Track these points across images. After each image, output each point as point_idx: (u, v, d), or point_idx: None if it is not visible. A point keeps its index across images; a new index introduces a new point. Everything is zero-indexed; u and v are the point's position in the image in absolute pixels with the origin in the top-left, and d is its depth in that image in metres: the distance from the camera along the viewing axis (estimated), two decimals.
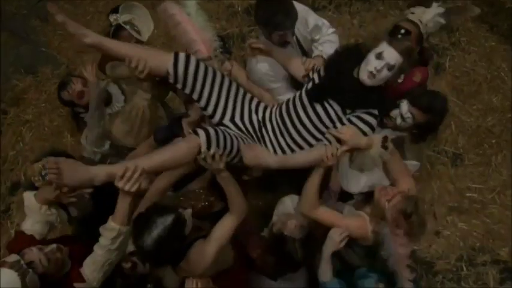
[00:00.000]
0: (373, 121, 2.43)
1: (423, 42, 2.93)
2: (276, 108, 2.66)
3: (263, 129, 2.65)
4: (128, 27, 3.14)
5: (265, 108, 2.70)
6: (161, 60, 2.44)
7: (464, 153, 4.12)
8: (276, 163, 2.47)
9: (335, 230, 2.52)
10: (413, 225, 2.37)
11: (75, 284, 2.37)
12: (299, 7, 2.99)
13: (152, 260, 2.44)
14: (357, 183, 2.78)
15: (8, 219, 3.84)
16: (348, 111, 2.44)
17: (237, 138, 2.45)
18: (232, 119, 2.60)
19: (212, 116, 2.58)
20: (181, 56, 2.43)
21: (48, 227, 2.56)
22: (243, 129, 2.60)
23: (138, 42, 3.18)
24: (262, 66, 3.03)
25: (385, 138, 2.41)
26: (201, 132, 2.27)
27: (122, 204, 2.20)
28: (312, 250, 2.63)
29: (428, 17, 2.80)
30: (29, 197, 2.52)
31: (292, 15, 2.84)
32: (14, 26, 4.68)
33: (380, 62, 2.21)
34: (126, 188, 2.09)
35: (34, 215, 2.52)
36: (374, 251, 2.61)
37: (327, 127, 2.49)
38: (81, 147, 3.22)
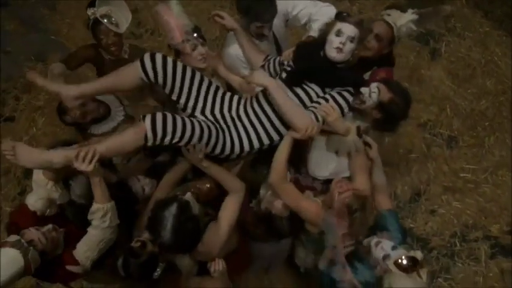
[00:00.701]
0: (350, 98, 2.54)
1: (393, 44, 2.98)
2: (253, 99, 2.69)
3: (237, 123, 2.65)
4: (105, 21, 3.06)
5: (239, 100, 2.73)
6: (130, 71, 2.51)
7: (459, 136, 4.18)
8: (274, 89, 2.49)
9: None
10: (355, 221, 2.43)
11: (68, 267, 2.42)
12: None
13: (177, 249, 2.49)
14: (326, 168, 2.77)
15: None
16: (328, 90, 2.55)
17: (201, 126, 2.42)
18: (202, 112, 2.63)
19: (184, 109, 2.62)
20: (146, 56, 2.48)
21: (49, 204, 2.56)
22: (213, 121, 2.60)
23: (117, 34, 3.14)
24: (233, 49, 3.07)
25: (358, 128, 2.52)
26: (147, 117, 2.32)
27: (95, 186, 2.34)
28: (298, 224, 2.68)
29: (402, 21, 2.83)
30: (37, 172, 2.52)
31: (272, 10, 2.91)
32: (23, 15, 4.67)
33: (342, 38, 2.39)
34: (82, 168, 2.20)
35: (40, 190, 2.52)
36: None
37: (306, 107, 2.58)
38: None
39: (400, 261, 2.24)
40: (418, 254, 2.30)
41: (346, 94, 2.55)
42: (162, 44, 4.37)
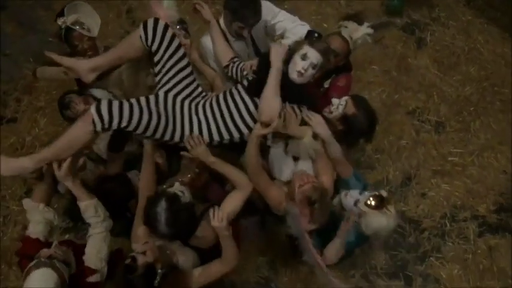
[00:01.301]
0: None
1: (349, 55, 3.06)
2: (213, 97, 2.74)
3: (194, 116, 2.67)
4: (77, 27, 3.08)
5: (205, 96, 2.79)
6: (135, 37, 2.57)
7: (446, 121, 4.25)
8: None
9: None
10: (314, 211, 2.53)
11: (88, 279, 2.44)
12: (268, 6, 3.13)
13: (177, 238, 2.57)
14: (287, 171, 2.83)
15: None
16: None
17: (149, 111, 2.46)
18: (167, 92, 2.66)
19: (158, 81, 2.68)
20: (150, 20, 2.54)
21: (49, 227, 2.58)
22: (170, 105, 2.62)
23: (90, 38, 3.16)
24: (207, 39, 3.14)
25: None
26: (93, 104, 2.39)
27: (72, 188, 2.50)
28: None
29: (358, 35, 2.89)
30: (26, 202, 2.57)
31: (257, 17, 2.94)
32: (20, 17, 4.63)
33: (305, 63, 2.46)
34: (56, 174, 2.41)
35: (34, 216, 2.54)
36: None
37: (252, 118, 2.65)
38: None
39: (369, 202, 2.56)
40: (383, 192, 2.63)
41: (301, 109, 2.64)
42: None
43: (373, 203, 2.57)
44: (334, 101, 2.75)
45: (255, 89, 2.59)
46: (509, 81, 4.50)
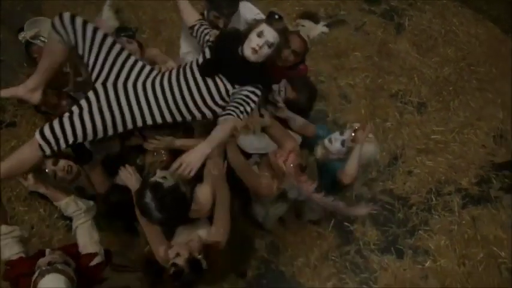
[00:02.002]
0: (258, 96, 2.56)
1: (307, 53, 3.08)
2: (166, 74, 2.62)
3: (142, 98, 2.55)
4: (37, 41, 3.11)
5: (155, 73, 2.65)
6: (49, 42, 2.57)
7: (427, 102, 4.34)
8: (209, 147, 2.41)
9: None
10: (306, 173, 2.65)
11: (92, 263, 2.48)
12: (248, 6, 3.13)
13: (175, 220, 2.60)
14: (251, 145, 2.91)
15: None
16: (237, 86, 2.54)
17: (91, 117, 2.44)
18: (104, 83, 2.56)
19: (94, 78, 2.59)
20: (55, 18, 2.45)
21: (21, 242, 2.54)
22: (113, 95, 2.52)
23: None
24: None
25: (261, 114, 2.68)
26: (37, 131, 2.40)
27: (47, 193, 2.60)
28: None
29: (315, 33, 2.90)
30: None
31: (232, 7, 2.91)
32: (11, 22, 4.50)
33: (261, 40, 2.41)
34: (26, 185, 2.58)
35: (3, 241, 2.48)
36: None
37: (214, 99, 2.56)
38: None
39: (353, 136, 2.76)
40: (357, 124, 2.86)
41: (256, 92, 2.55)
42: (148, 40, 4.39)
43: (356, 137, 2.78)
44: (275, 87, 2.82)
45: (209, 68, 2.53)
46: (484, 60, 4.59)
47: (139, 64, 2.63)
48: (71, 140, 2.42)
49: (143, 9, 4.76)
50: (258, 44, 2.41)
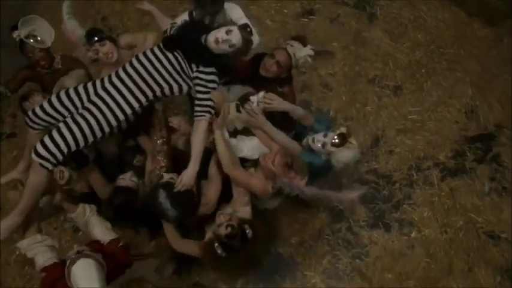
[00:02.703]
0: (214, 78, 2.61)
1: (291, 70, 3.15)
2: (112, 75, 2.65)
3: (114, 90, 2.59)
4: (31, 40, 3.03)
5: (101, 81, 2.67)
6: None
7: (402, 84, 4.41)
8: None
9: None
10: (295, 169, 2.67)
11: (120, 245, 2.62)
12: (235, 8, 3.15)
13: (188, 215, 2.66)
14: (241, 150, 2.89)
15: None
16: (194, 67, 2.60)
17: (79, 127, 2.48)
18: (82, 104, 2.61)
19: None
20: (37, 108, 2.61)
21: (54, 250, 2.60)
22: (88, 105, 2.57)
23: (42, 50, 3.09)
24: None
25: (237, 105, 2.72)
26: (32, 153, 2.45)
27: (65, 205, 2.79)
28: None
29: (301, 54, 3.01)
30: (22, 243, 2.58)
31: (215, 5, 2.93)
32: (2, 38, 4.41)
33: (225, 35, 2.49)
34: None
35: (37, 249, 2.54)
36: None
37: (171, 74, 2.62)
38: None
39: (334, 141, 2.73)
40: (343, 129, 2.81)
41: (209, 70, 2.59)
42: None
43: (337, 140, 2.74)
44: (253, 98, 2.84)
45: (171, 42, 2.60)
46: (452, 42, 4.68)
47: (90, 82, 2.70)
48: (65, 151, 2.47)
49: (128, 15, 4.77)
50: (222, 37, 2.49)
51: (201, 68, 2.59)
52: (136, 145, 3.10)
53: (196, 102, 2.60)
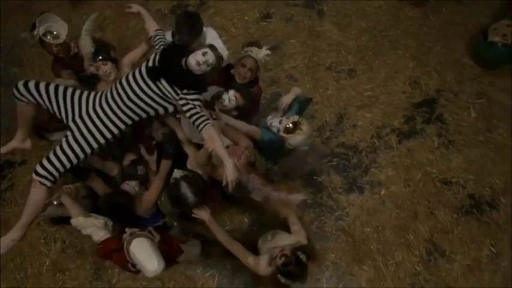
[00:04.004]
0: (197, 97, 2.56)
1: (259, 71, 3.16)
2: (104, 94, 2.59)
3: (99, 110, 2.54)
4: (48, 37, 3.04)
5: (94, 96, 2.61)
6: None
7: (355, 67, 4.43)
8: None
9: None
10: (257, 167, 2.81)
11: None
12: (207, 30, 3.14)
13: (205, 197, 2.68)
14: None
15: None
16: (178, 90, 2.54)
17: (77, 143, 2.46)
18: (73, 119, 2.54)
19: (61, 120, 2.59)
20: (20, 84, 2.52)
21: (108, 227, 2.62)
22: (81, 124, 2.51)
23: (59, 45, 3.11)
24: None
25: (210, 114, 2.71)
26: (33, 173, 2.42)
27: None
28: None
29: (261, 55, 3.04)
30: (74, 222, 2.59)
31: (192, 36, 2.89)
32: (2, 77, 4.33)
33: (203, 57, 2.49)
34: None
35: (91, 229, 2.57)
36: None
37: (156, 101, 2.55)
38: None
39: (287, 127, 2.79)
40: (295, 117, 2.84)
41: (194, 95, 2.54)
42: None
43: (290, 127, 2.81)
44: (224, 96, 2.86)
45: (153, 73, 2.51)
46: (390, 25, 4.72)
47: (85, 94, 2.62)
48: (62, 169, 2.44)
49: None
50: (201, 59, 2.48)
51: (185, 91, 2.54)
52: (135, 159, 3.01)
53: (192, 119, 2.52)
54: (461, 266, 3.50)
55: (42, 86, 2.52)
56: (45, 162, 2.43)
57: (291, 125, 2.80)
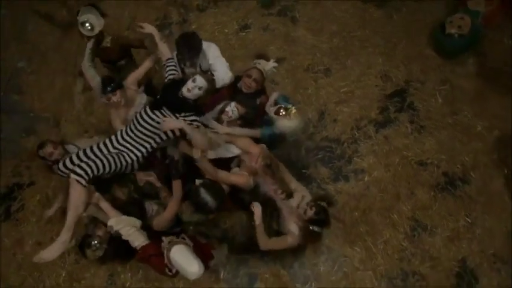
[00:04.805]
0: (195, 118, 2.77)
1: (264, 82, 3.21)
2: (131, 124, 2.82)
3: (127, 139, 2.79)
4: (83, 28, 3.12)
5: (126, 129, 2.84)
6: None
7: (330, 67, 4.43)
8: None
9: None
10: (273, 169, 2.89)
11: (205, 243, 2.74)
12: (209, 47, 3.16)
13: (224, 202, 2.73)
14: (233, 152, 2.99)
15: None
16: (177, 114, 2.73)
17: (103, 159, 2.63)
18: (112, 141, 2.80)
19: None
20: (60, 165, 2.65)
21: (144, 233, 2.59)
22: (118, 149, 2.77)
23: (90, 37, 3.17)
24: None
25: (211, 128, 2.82)
26: (70, 174, 2.49)
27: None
28: None
29: (267, 68, 3.08)
30: (112, 222, 2.57)
31: (190, 57, 2.99)
32: (2, 104, 4.23)
33: (194, 84, 2.68)
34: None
35: (130, 231, 2.53)
36: None
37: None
38: None
39: (278, 110, 2.89)
40: (289, 106, 2.93)
41: (193, 117, 2.76)
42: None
43: (280, 112, 2.89)
44: (228, 108, 2.92)
45: (157, 104, 2.74)
46: (358, 26, 4.73)
47: (107, 140, 2.83)
48: (95, 172, 2.53)
49: None
50: (192, 86, 2.68)
51: (183, 114, 2.74)
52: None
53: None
54: (442, 237, 3.54)
55: (75, 159, 2.66)
56: (82, 163, 2.54)
57: (282, 111, 2.89)
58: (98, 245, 2.75)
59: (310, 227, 2.72)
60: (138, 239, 2.53)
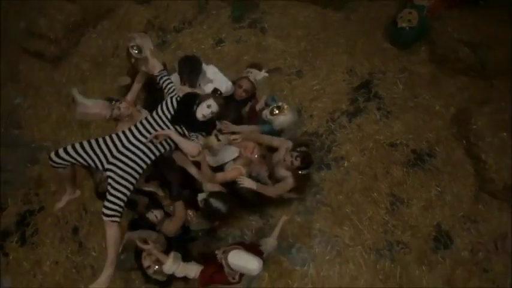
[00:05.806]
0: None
1: (254, 90, 3.22)
2: (132, 130, 2.59)
3: (129, 150, 2.51)
4: (133, 49, 2.87)
5: (132, 132, 2.58)
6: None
7: (301, 68, 4.39)
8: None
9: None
10: (267, 158, 2.89)
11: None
12: (207, 67, 3.12)
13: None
14: (223, 159, 2.96)
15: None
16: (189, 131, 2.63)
17: (128, 183, 2.44)
18: (108, 162, 2.48)
19: (101, 169, 2.51)
20: (52, 155, 2.45)
21: (191, 263, 2.52)
22: (118, 162, 2.47)
23: (137, 60, 2.91)
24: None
25: (216, 135, 2.77)
26: (104, 216, 2.36)
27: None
28: None
29: (259, 77, 3.09)
30: (167, 269, 2.47)
31: (191, 77, 2.91)
32: (2, 139, 4.06)
33: (208, 110, 2.56)
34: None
35: (181, 268, 2.47)
36: None
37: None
38: None
39: (272, 110, 2.93)
40: (280, 103, 2.99)
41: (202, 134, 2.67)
42: None
43: (274, 111, 2.92)
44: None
45: (174, 120, 2.58)
46: (321, 29, 4.71)
47: (107, 138, 2.56)
48: (122, 203, 2.39)
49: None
50: (206, 113, 2.55)
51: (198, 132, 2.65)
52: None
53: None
54: (418, 207, 3.61)
55: (69, 148, 2.44)
56: (107, 204, 2.37)
57: (276, 110, 2.91)
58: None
59: (299, 172, 2.79)
60: (191, 270, 2.46)
